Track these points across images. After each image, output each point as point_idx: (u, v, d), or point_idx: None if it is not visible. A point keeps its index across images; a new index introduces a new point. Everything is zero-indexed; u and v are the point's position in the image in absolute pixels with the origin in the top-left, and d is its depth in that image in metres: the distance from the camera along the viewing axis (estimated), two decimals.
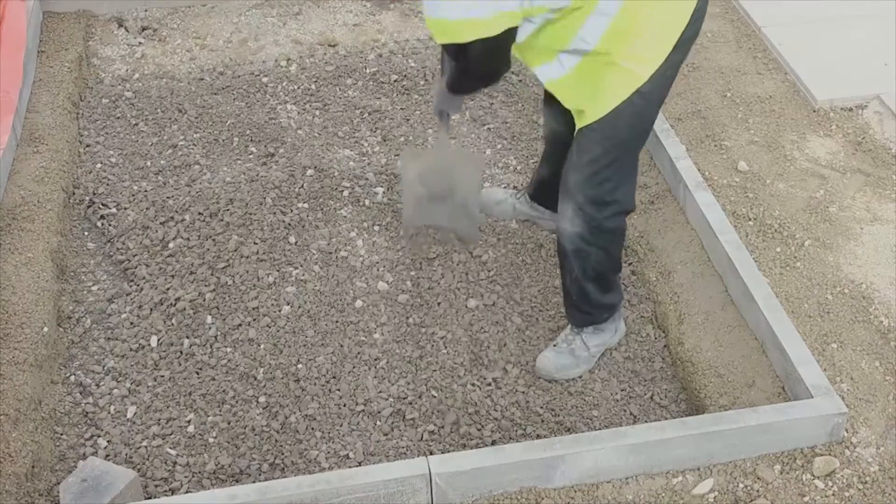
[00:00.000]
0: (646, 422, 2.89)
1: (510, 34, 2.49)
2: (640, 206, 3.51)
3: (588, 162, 2.69)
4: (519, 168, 3.80)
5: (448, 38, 2.50)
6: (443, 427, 2.88)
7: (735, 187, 3.44)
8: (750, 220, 3.30)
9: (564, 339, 3.02)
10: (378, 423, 2.90)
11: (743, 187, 3.44)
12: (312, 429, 2.87)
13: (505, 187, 3.59)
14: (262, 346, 3.09)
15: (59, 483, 2.65)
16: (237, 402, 2.95)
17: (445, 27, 2.44)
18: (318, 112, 4.06)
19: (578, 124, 2.71)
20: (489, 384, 3.00)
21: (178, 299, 3.21)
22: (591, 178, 2.70)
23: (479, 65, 2.64)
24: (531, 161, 3.84)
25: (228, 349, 3.10)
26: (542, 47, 2.64)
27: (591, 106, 2.65)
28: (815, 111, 3.80)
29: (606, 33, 2.53)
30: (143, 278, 3.31)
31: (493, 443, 2.83)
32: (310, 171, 3.68)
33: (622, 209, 2.79)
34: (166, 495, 2.71)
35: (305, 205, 3.56)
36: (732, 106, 3.84)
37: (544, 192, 3.30)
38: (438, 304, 3.23)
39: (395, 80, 4.24)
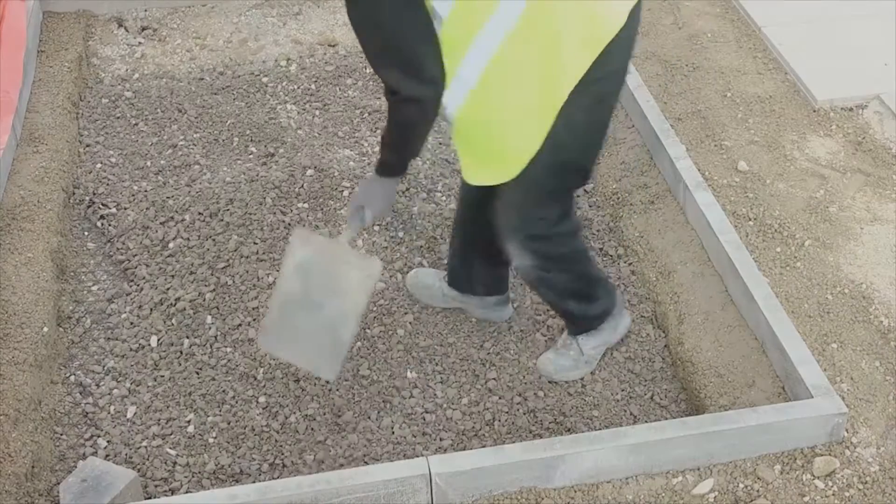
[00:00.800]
0: (646, 422, 2.89)
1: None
2: (640, 206, 3.51)
3: (523, 197, 2.61)
4: None
5: None
6: (443, 427, 2.88)
7: (735, 187, 3.44)
8: (750, 220, 3.30)
9: (563, 342, 3.02)
10: (378, 422, 2.89)
11: (743, 187, 3.44)
12: (312, 429, 2.87)
13: (436, 270, 3.27)
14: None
15: (59, 483, 2.65)
16: (237, 402, 2.95)
17: None
18: (318, 112, 4.06)
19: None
20: (489, 383, 3.00)
21: (178, 299, 3.21)
22: (526, 216, 2.64)
23: (366, 34, 2.37)
24: None
25: (228, 349, 3.09)
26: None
27: (516, 136, 2.53)
28: (815, 111, 3.80)
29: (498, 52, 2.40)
30: (143, 278, 3.31)
31: (494, 443, 2.83)
32: (310, 171, 3.68)
33: (568, 232, 2.72)
34: (166, 495, 2.71)
35: (305, 205, 3.56)
36: (732, 106, 3.84)
37: (457, 277, 3.12)
38: (430, 304, 3.23)
39: None
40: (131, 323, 3.18)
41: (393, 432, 2.87)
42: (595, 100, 2.49)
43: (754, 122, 3.75)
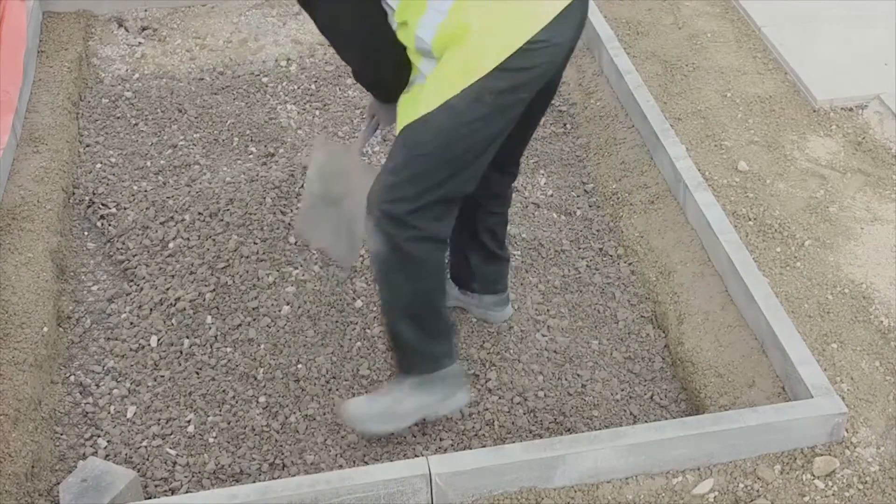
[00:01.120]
0: (646, 422, 2.89)
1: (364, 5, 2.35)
2: (640, 206, 3.51)
3: (390, 170, 2.47)
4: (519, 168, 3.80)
5: None
6: (443, 427, 2.88)
7: (735, 187, 3.44)
8: (750, 220, 3.30)
9: (388, 384, 2.78)
10: None
11: (743, 187, 3.44)
12: (312, 429, 2.87)
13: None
14: (262, 346, 3.09)
15: (59, 483, 2.65)
16: (237, 402, 2.95)
17: None
18: (318, 112, 4.06)
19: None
20: (488, 383, 3.00)
21: (178, 299, 3.21)
22: (389, 189, 2.45)
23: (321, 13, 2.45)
24: (531, 161, 3.84)
25: (228, 349, 3.09)
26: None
27: (412, 106, 2.44)
28: (815, 111, 3.80)
29: (436, 38, 2.36)
30: (143, 278, 3.31)
31: (494, 443, 2.83)
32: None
33: (424, 236, 2.48)
34: (166, 495, 2.71)
35: None
36: (732, 106, 3.84)
37: (455, 274, 3.11)
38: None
39: None
40: (131, 323, 3.18)
41: (393, 432, 2.87)
42: (492, 93, 2.34)
43: (754, 122, 3.75)
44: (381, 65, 2.54)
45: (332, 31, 2.49)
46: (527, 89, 2.40)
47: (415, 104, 2.42)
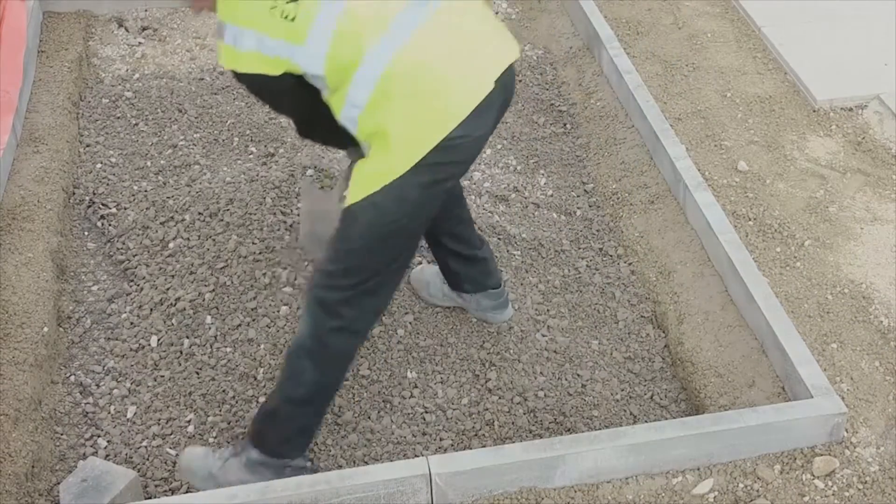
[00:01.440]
0: (646, 422, 2.89)
1: (285, 81, 2.41)
2: (640, 206, 3.51)
3: (328, 257, 2.49)
4: (519, 168, 3.81)
5: (227, 65, 2.45)
6: (443, 427, 2.88)
7: (735, 187, 3.44)
8: (750, 220, 3.30)
9: (235, 445, 2.68)
10: (378, 423, 2.89)
11: (743, 187, 3.44)
12: None
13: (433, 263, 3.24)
14: (261, 346, 3.09)
15: (59, 483, 2.66)
16: (237, 402, 2.95)
17: (228, 54, 2.42)
18: None
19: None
20: (489, 383, 3.00)
21: (178, 299, 3.21)
22: (326, 276, 2.48)
23: (268, 102, 2.67)
24: (531, 161, 3.84)
25: (228, 349, 3.09)
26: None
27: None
28: (815, 111, 3.80)
29: (359, 130, 2.41)
30: (143, 278, 3.31)
31: (494, 443, 2.83)
32: (310, 171, 3.68)
33: (347, 327, 2.49)
34: (166, 495, 2.70)
35: None
36: (732, 106, 3.84)
37: (447, 276, 3.12)
38: (431, 303, 3.23)
39: None
40: (131, 323, 3.18)
41: (393, 432, 2.87)
42: (428, 187, 2.37)
43: (754, 122, 3.75)
44: (327, 133, 2.65)
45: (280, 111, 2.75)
46: (451, 180, 2.46)
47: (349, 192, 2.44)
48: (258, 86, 2.50)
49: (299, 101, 2.56)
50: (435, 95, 2.33)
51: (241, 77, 2.48)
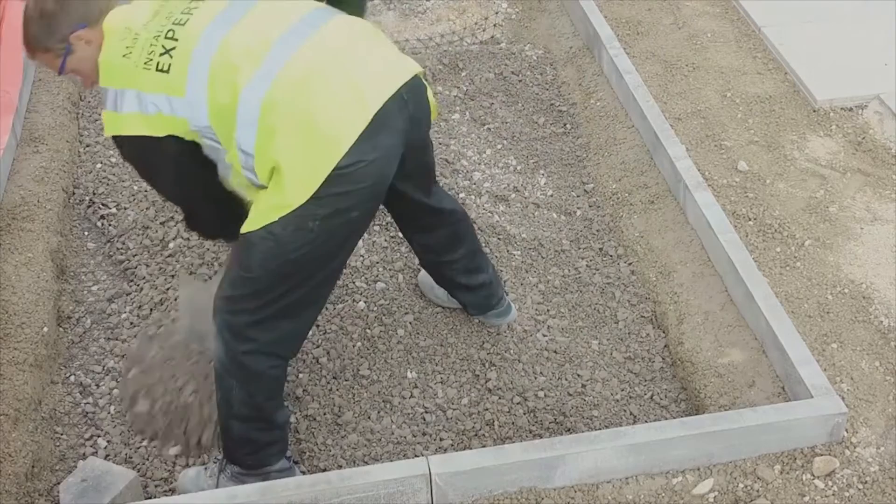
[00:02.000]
0: (646, 422, 2.89)
1: (170, 147, 2.33)
2: (640, 206, 3.51)
3: (230, 281, 2.41)
4: (519, 168, 3.81)
5: (110, 131, 2.37)
6: (443, 427, 2.88)
7: (735, 187, 3.44)
8: (750, 220, 3.30)
9: (221, 458, 2.66)
10: (378, 423, 2.89)
11: (743, 187, 3.44)
12: (312, 429, 2.87)
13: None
14: None
15: (59, 483, 2.65)
16: None
17: (110, 120, 2.35)
18: None
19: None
20: (489, 383, 3.00)
21: (177, 299, 3.21)
22: (229, 300, 2.41)
23: (153, 176, 2.50)
24: (531, 161, 3.84)
25: None
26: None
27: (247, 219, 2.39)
28: (815, 111, 3.80)
29: (260, 178, 2.33)
30: (143, 278, 3.31)
31: (494, 443, 2.83)
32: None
33: (262, 350, 2.44)
34: (166, 495, 2.70)
35: None
36: (732, 106, 3.84)
37: (457, 300, 3.12)
38: (436, 304, 3.23)
39: None
40: (131, 323, 3.18)
41: (393, 432, 2.87)
42: (329, 218, 2.30)
43: (754, 122, 3.75)
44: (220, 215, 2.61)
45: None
46: (357, 208, 2.36)
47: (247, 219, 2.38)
48: (142, 154, 2.37)
49: (186, 175, 2.43)
50: (315, 126, 2.26)
51: (124, 146, 2.37)
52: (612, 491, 2.52)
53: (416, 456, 2.79)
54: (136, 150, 2.37)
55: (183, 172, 2.43)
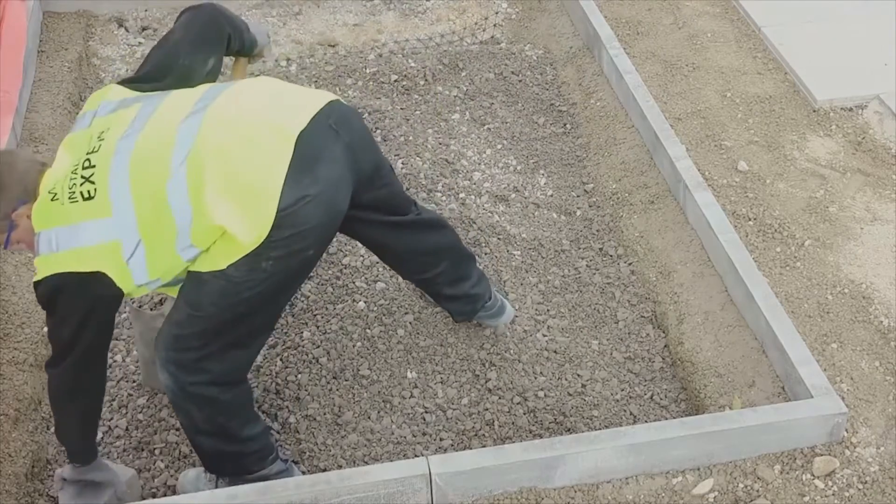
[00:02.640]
0: (646, 422, 2.89)
1: (94, 285, 2.30)
2: (640, 206, 3.51)
3: (174, 322, 2.41)
4: (519, 168, 3.81)
5: (43, 273, 2.31)
6: (443, 427, 2.88)
7: (735, 187, 3.44)
8: (750, 220, 3.30)
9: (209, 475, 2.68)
10: (378, 423, 2.89)
11: (743, 187, 3.44)
12: (312, 429, 2.87)
13: None
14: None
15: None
16: None
17: (45, 262, 2.31)
18: None
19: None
20: (489, 383, 3.00)
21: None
22: (174, 340, 2.40)
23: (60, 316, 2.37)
24: (531, 161, 3.84)
25: None
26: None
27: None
28: (815, 111, 3.80)
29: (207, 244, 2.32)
30: None
31: (494, 443, 2.83)
32: None
33: (213, 380, 2.44)
34: (166, 495, 2.70)
35: None
36: (732, 106, 3.84)
37: (430, 296, 3.13)
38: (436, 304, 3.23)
39: (395, 80, 4.24)
40: (131, 323, 3.18)
41: (393, 432, 2.87)
42: (283, 259, 2.31)
43: (754, 122, 3.75)
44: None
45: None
46: (312, 247, 2.36)
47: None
48: (63, 290, 2.30)
49: (94, 320, 2.35)
50: (244, 183, 2.25)
51: (47, 286, 2.30)
52: (612, 491, 2.52)
53: (416, 456, 2.79)
54: (58, 288, 2.30)
55: (91, 315, 2.34)
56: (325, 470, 2.75)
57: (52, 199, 2.32)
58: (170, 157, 2.26)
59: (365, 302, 3.23)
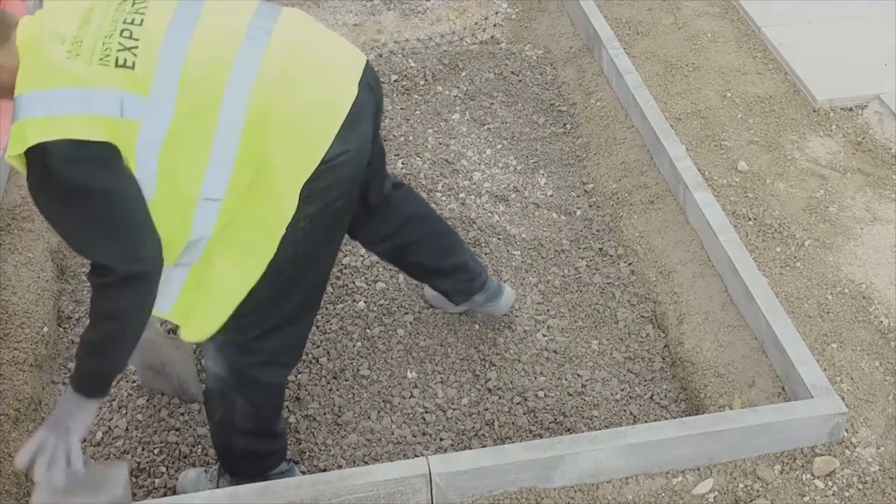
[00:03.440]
0: (646, 422, 2.89)
1: (107, 153, 2.04)
2: (640, 206, 3.51)
3: None
4: (519, 168, 3.81)
5: (32, 139, 2.00)
6: (443, 427, 2.88)
7: (735, 187, 3.44)
8: (750, 220, 3.30)
9: (217, 466, 2.67)
10: (378, 423, 2.89)
11: (743, 187, 3.44)
12: (312, 429, 2.87)
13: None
14: None
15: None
16: None
17: (33, 126, 2.00)
18: None
19: None
20: (489, 383, 3.00)
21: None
22: (231, 319, 2.32)
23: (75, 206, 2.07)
24: (531, 161, 3.84)
25: None
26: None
27: None
28: (815, 111, 3.80)
29: (229, 190, 2.19)
30: None
31: (494, 443, 2.83)
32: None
33: (271, 360, 2.43)
34: (166, 495, 2.70)
35: None
36: (732, 106, 3.84)
37: (416, 276, 3.08)
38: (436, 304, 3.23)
39: (395, 80, 4.24)
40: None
41: (393, 432, 2.87)
42: (318, 214, 2.25)
43: (754, 122, 3.75)
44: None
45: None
46: (341, 198, 2.31)
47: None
48: (79, 168, 2.02)
49: (132, 195, 2.10)
50: (299, 122, 2.19)
51: (49, 158, 1.99)
52: (612, 491, 2.52)
53: (416, 456, 2.79)
54: (71, 163, 2.00)
55: (130, 192, 2.09)
56: (325, 470, 2.75)
57: (68, 58, 2.03)
58: (228, 74, 2.12)
59: (365, 302, 3.23)
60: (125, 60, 2.06)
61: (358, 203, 2.52)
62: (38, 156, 2.01)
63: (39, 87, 2.02)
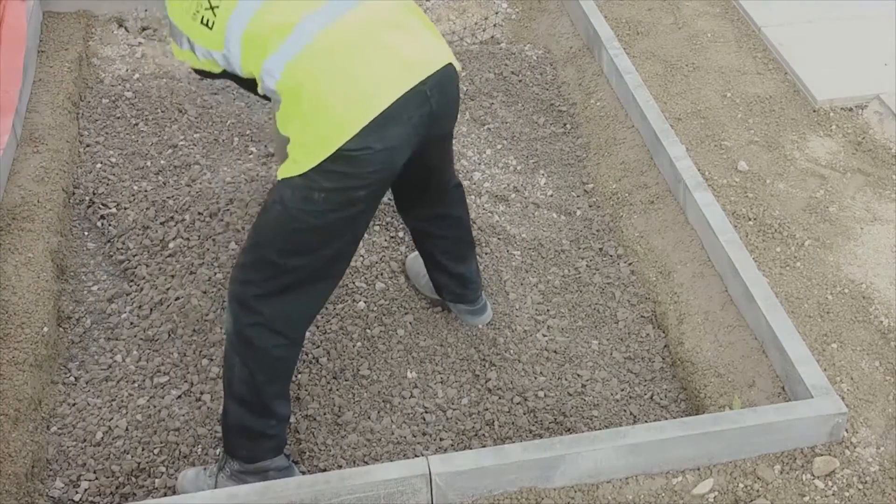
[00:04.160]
0: (646, 422, 2.89)
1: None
2: (640, 206, 3.51)
3: (244, 248, 2.50)
4: (519, 168, 3.81)
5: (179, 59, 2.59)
6: (443, 427, 2.88)
7: (735, 187, 3.44)
8: (750, 220, 3.30)
9: (221, 456, 2.69)
10: (378, 423, 2.89)
11: (743, 187, 3.44)
12: (312, 429, 2.87)
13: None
14: None
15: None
16: None
17: (175, 51, 2.56)
18: None
19: None
20: (489, 383, 3.00)
21: (177, 299, 3.21)
22: (241, 269, 2.48)
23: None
24: (531, 161, 3.84)
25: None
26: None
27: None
28: (815, 111, 3.80)
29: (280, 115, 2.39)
30: (143, 278, 3.31)
31: (494, 443, 2.83)
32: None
33: (266, 324, 2.46)
34: (166, 495, 2.70)
35: None
36: (732, 106, 3.84)
37: (433, 280, 3.14)
38: (436, 304, 3.23)
39: None
40: (131, 323, 3.18)
41: (393, 432, 2.87)
42: (335, 193, 2.34)
43: (754, 122, 3.75)
44: None
45: None
46: (364, 188, 2.37)
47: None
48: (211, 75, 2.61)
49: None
50: (325, 107, 2.29)
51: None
52: (612, 491, 2.52)
53: (416, 456, 2.79)
54: (203, 73, 2.63)
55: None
56: (325, 470, 2.75)
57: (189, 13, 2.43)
58: (279, 43, 2.31)
59: (365, 302, 3.23)
60: (207, 20, 2.41)
61: (421, 178, 2.69)
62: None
63: (173, 20, 2.52)
